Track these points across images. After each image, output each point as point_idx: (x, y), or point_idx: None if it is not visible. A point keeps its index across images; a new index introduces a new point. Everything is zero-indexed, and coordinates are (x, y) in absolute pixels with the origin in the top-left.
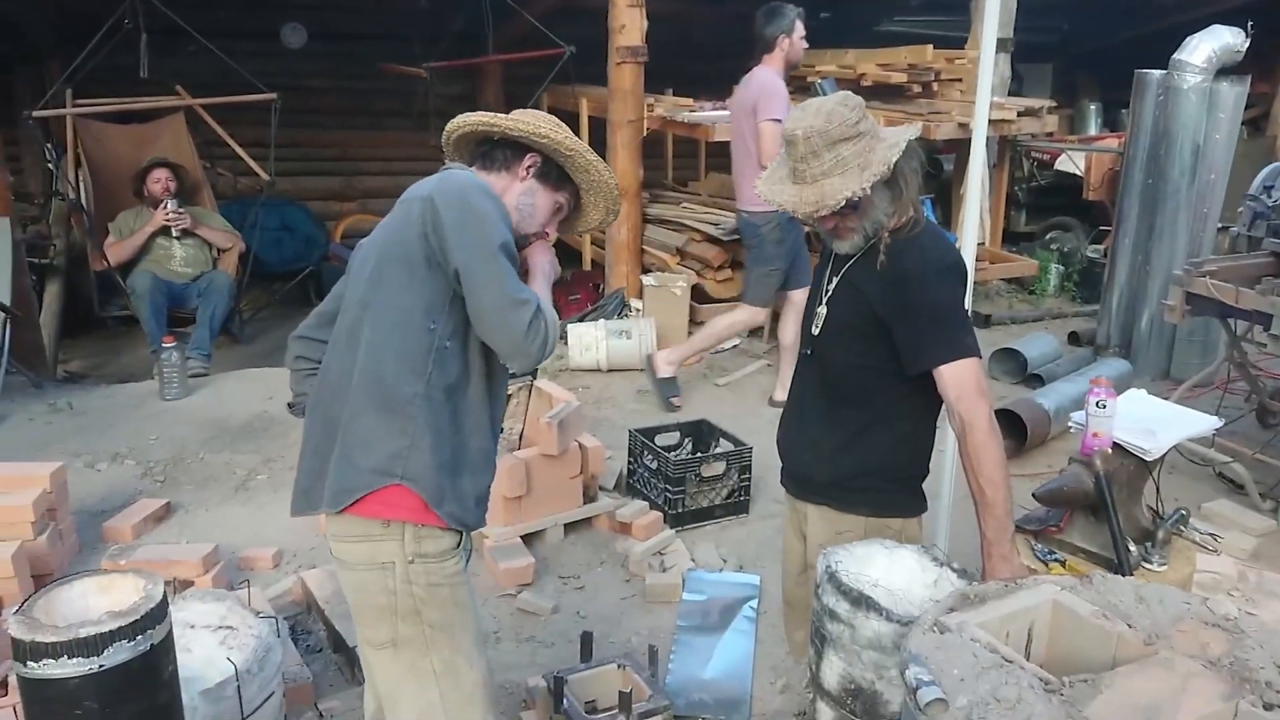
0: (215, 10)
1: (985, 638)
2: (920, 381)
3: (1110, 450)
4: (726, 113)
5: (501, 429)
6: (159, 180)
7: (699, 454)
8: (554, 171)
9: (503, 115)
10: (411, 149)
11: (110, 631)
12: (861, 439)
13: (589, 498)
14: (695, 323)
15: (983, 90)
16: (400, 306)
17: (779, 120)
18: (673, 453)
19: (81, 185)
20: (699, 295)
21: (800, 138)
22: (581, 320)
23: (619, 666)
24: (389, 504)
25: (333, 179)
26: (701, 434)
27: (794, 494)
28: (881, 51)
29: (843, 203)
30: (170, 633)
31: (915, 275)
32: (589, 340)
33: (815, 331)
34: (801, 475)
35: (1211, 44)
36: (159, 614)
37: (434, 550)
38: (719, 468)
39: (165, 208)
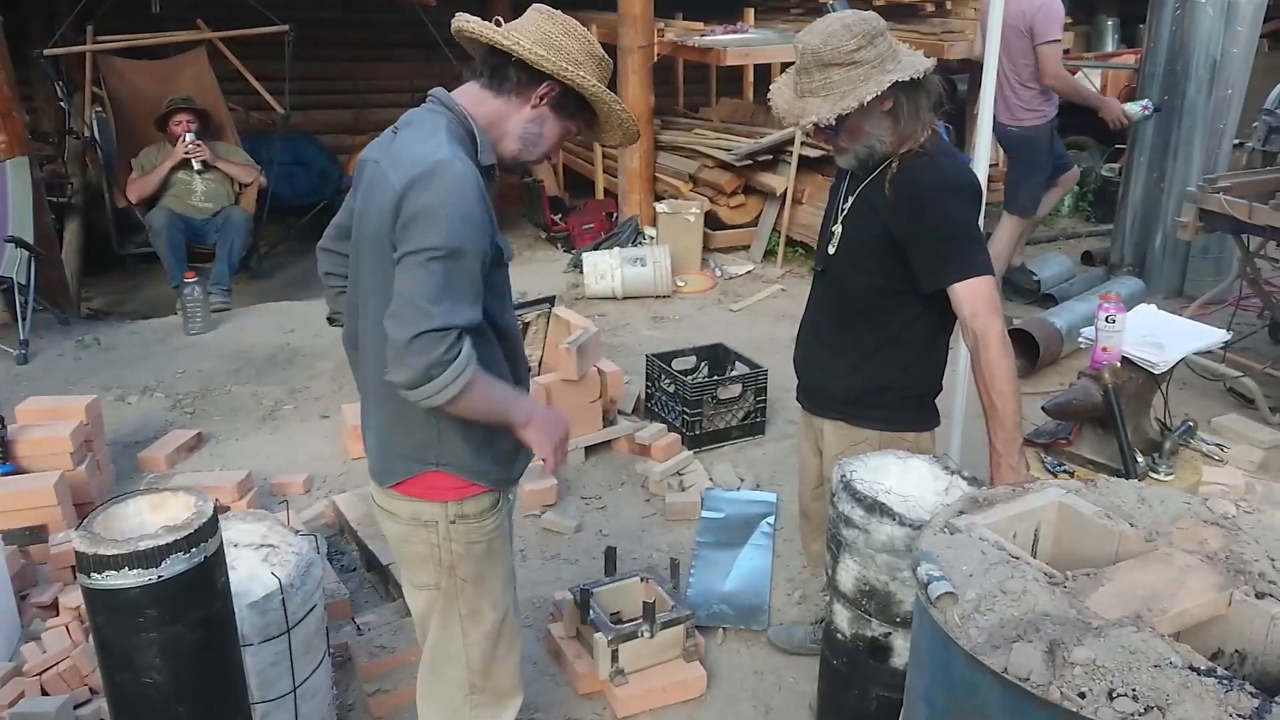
0: None
1: (992, 537)
2: (933, 299)
3: (1119, 364)
4: (739, 36)
5: (529, 368)
6: (180, 123)
7: (715, 377)
8: (570, 102)
9: (518, 39)
10: (424, 79)
11: (167, 545)
12: (875, 355)
13: (608, 421)
14: (709, 249)
15: (994, 9)
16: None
17: (1058, 41)
18: (689, 376)
19: (96, 122)
20: (712, 221)
21: (798, 52)
22: (596, 249)
23: (642, 579)
24: (430, 486)
25: (344, 112)
26: (717, 357)
27: (809, 410)
28: None
29: (809, 125)
30: (221, 546)
31: (929, 194)
32: (604, 268)
33: (831, 250)
34: (817, 391)
35: None
36: (210, 528)
37: (474, 510)
38: (735, 390)
39: (184, 139)
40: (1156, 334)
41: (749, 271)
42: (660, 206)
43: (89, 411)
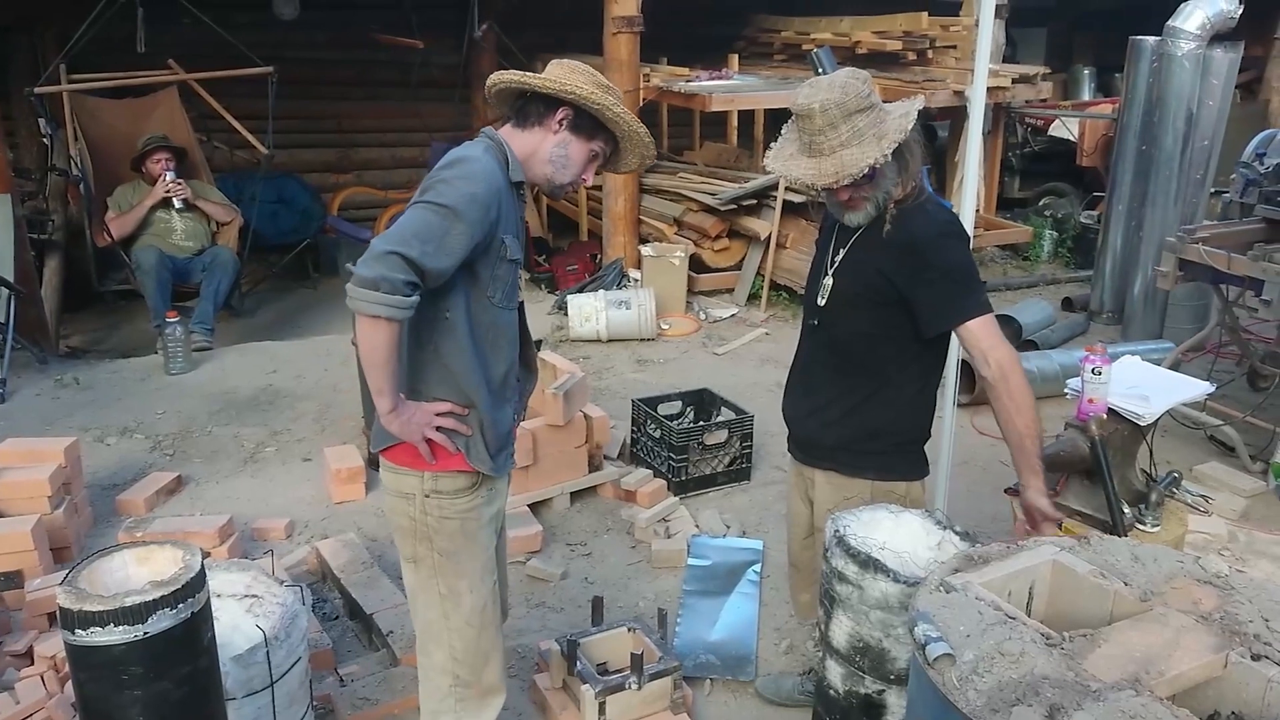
0: None
1: (989, 596)
2: (924, 347)
3: (1105, 415)
4: (724, 82)
5: (519, 379)
6: (159, 161)
7: (701, 422)
8: (587, 123)
9: (534, 73)
10: (407, 120)
11: (154, 600)
12: (867, 405)
13: (594, 466)
14: (693, 292)
15: (981, 59)
16: None
17: None
18: (675, 421)
19: (79, 159)
20: (696, 265)
21: (818, 111)
22: (580, 291)
23: (629, 629)
24: (411, 455)
25: (328, 150)
26: (703, 402)
27: (800, 459)
28: (877, 19)
29: (865, 170)
30: (209, 601)
31: (927, 240)
32: (589, 311)
33: (821, 302)
34: (808, 441)
35: (1205, 10)
36: (198, 583)
37: (448, 488)
38: (721, 436)
39: (165, 179)
40: (1142, 386)
41: (733, 315)
42: (645, 249)
43: (68, 454)
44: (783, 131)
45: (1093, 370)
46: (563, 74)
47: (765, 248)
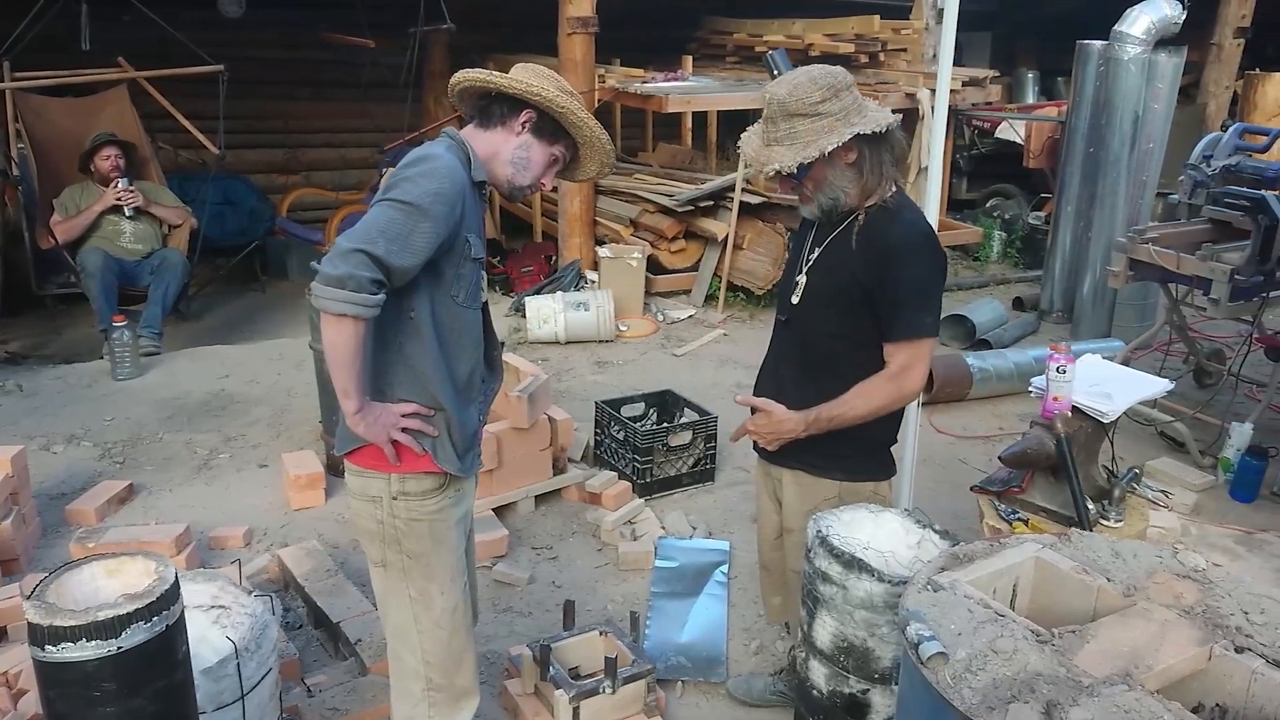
0: None
1: (977, 594)
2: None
3: (1070, 413)
4: (679, 84)
5: (484, 380)
6: (108, 158)
7: (665, 424)
8: (549, 126)
9: (499, 73)
10: (356, 120)
11: (128, 614)
12: None
13: (558, 469)
14: (650, 294)
15: (945, 62)
16: None
17: None
18: (638, 423)
19: (18, 160)
20: (653, 266)
21: (765, 101)
22: (538, 293)
23: (601, 633)
24: (377, 456)
25: (275, 151)
26: (666, 404)
27: (768, 459)
28: (829, 21)
29: (770, 173)
30: (183, 613)
31: (893, 252)
32: (547, 313)
33: (794, 300)
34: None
35: (1151, 15)
36: (173, 595)
37: (415, 490)
38: (685, 437)
39: (117, 185)
40: (1103, 383)
41: (691, 316)
42: (602, 251)
43: (15, 463)
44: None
45: (1057, 369)
46: (528, 76)
47: (722, 249)
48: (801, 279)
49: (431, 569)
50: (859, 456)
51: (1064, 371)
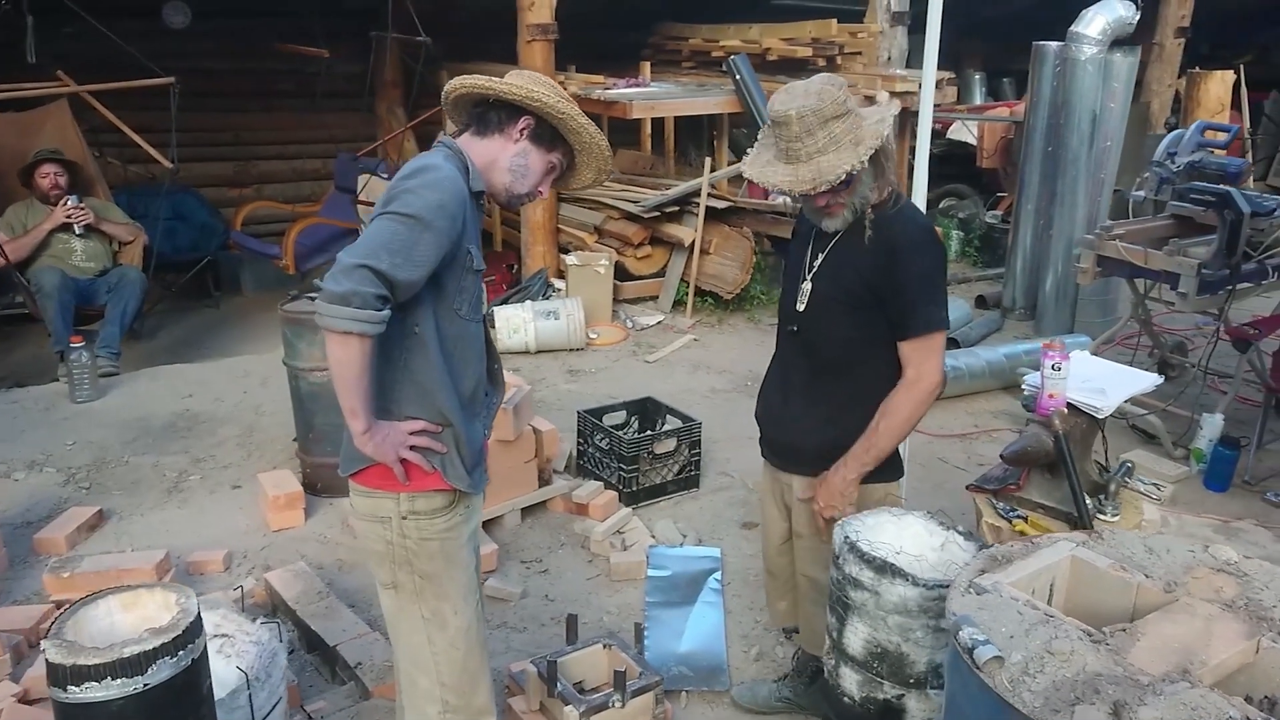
0: None
1: (1023, 596)
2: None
3: (1066, 410)
4: (641, 89)
5: (488, 394)
6: (47, 175)
7: (647, 431)
8: (547, 133)
9: (498, 79)
10: (310, 131)
11: (154, 649)
12: (847, 409)
13: (544, 481)
14: (617, 300)
15: (929, 69)
16: None
17: None
18: (621, 431)
19: None
20: (619, 273)
21: (794, 117)
22: (505, 303)
23: (605, 646)
24: (385, 476)
25: (225, 164)
26: (647, 411)
27: (777, 465)
28: (785, 26)
29: (842, 177)
30: (206, 646)
31: (907, 245)
32: (517, 322)
33: (800, 307)
34: (786, 447)
35: (1106, 16)
36: (197, 628)
37: (426, 508)
38: (670, 444)
39: (66, 203)
40: (1095, 379)
41: (659, 322)
42: (570, 258)
43: None
44: (759, 138)
45: (1052, 366)
46: (525, 82)
47: (689, 254)
48: (807, 286)
49: (444, 589)
50: None
51: (1059, 369)
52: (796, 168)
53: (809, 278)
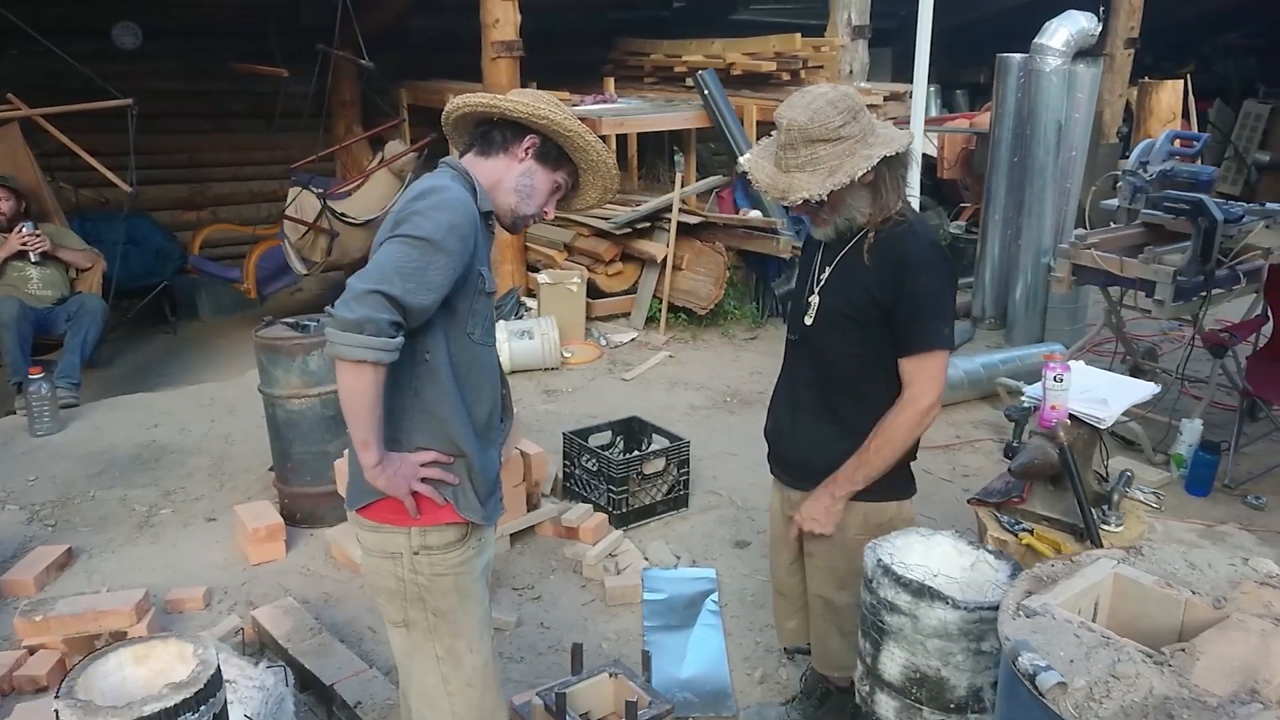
0: (44, 8)
1: (1077, 618)
2: None
3: (1069, 421)
4: (609, 106)
5: (502, 420)
6: None
7: (633, 451)
8: (553, 152)
9: (501, 96)
10: (266, 152)
11: (175, 705)
12: (857, 425)
13: (532, 505)
14: (589, 318)
15: (919, 88)
16: None
17: None
18: (607, 452)
19: None
20: (590, 290)
21: (783, 128)
22: None
23: (611, 675)
24: (395, 511)
25: (179, 187)
26: (633, 431)
27: (787, 482)
28: (749, 40)
29: (799, 201)
30: (226, 700)
31: (908, 264)
32: None
33: (808, 321)
34: (797, 464)
35: (1069, 28)
36: (218, 681)
37: (438, 543)
38: (659, 464)
39: (20, 230)
40: (1094, 390)
41: (633, 339)
42: (541, 277)
43: None
44: (771, 133)
45: (1054, 378)
46: (530, 100)
47: (661, 270)
48: (814, 299)
49: (458, 626)
50: (882, 476)
51: (1061, 380)
52: (776, 175)
53: (816, 291)
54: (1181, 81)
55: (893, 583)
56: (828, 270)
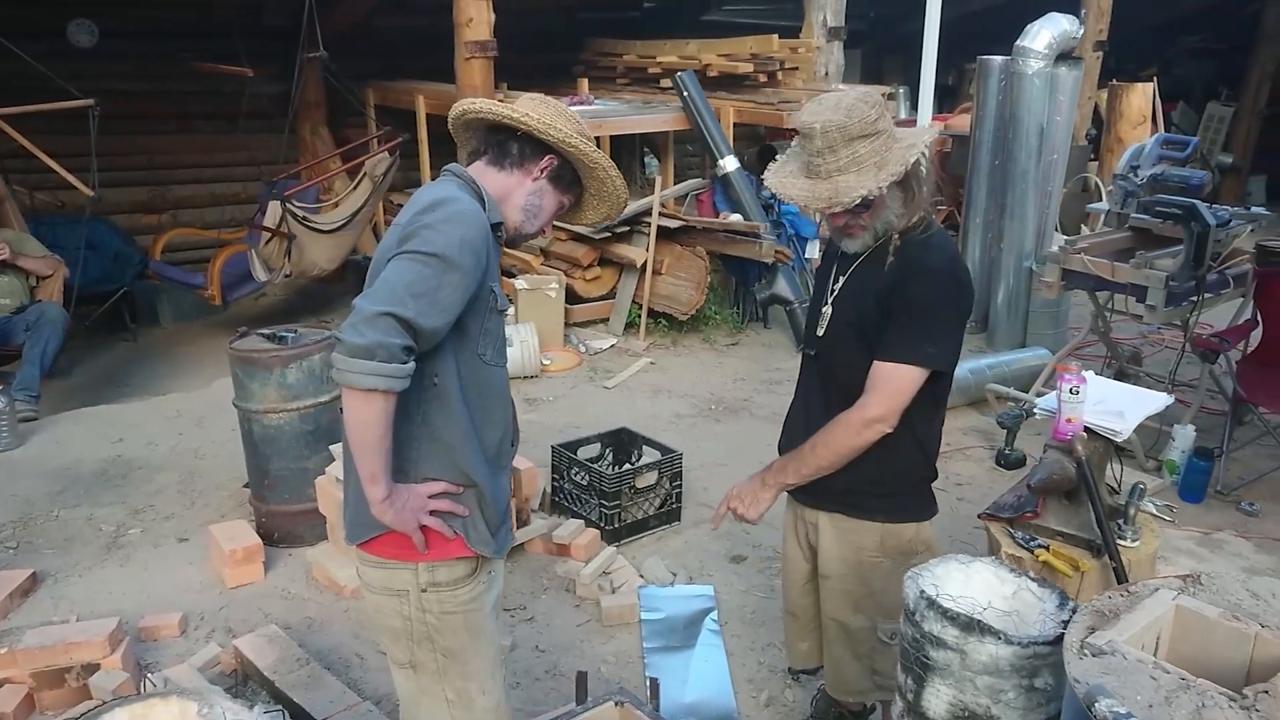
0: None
1: (1149, 657)
2: (929, 384)
3: (1085, 434)
4: (586, 108)
5: (514, 444)
6: None
7: (623, 463)
8: (568, 175)
9: (526, 112)
10: (227, 154)
11: None
12: (876, 444)
13: (522, 522)
14: (568, 324)
15: (925, 90)
16: None
17: None
18: (597, 464)
19: None
20: (569, 296)
21: (818, 131)
22: None
23: (616, 703)
24: (400, 545)
25: (139, 189)
26: (622, 443)
27: (802, 502)
28: (725, 41)
29: (858, 200)
30: None
31: (921, 273)
32: None
33: (820, 333)
34: (814, 483)
35: (1051, 30)
36: None
37: (447, 579)
38: (651, 478)
39: None
40: (1108, 401)
41: (613, 346)
42: (518, 282)
43: None
44: (789, 148)
45: (1070, 390)
46: (553, 118)
47: (640, 275)
48: (827, 310)
49: (469, 666)
50: (902, 495)
51: (1076, 392)
52: (815, 184)
53: (829, 301)
54: (1151, 84)
55: (938, 616)
56: (841, 280)
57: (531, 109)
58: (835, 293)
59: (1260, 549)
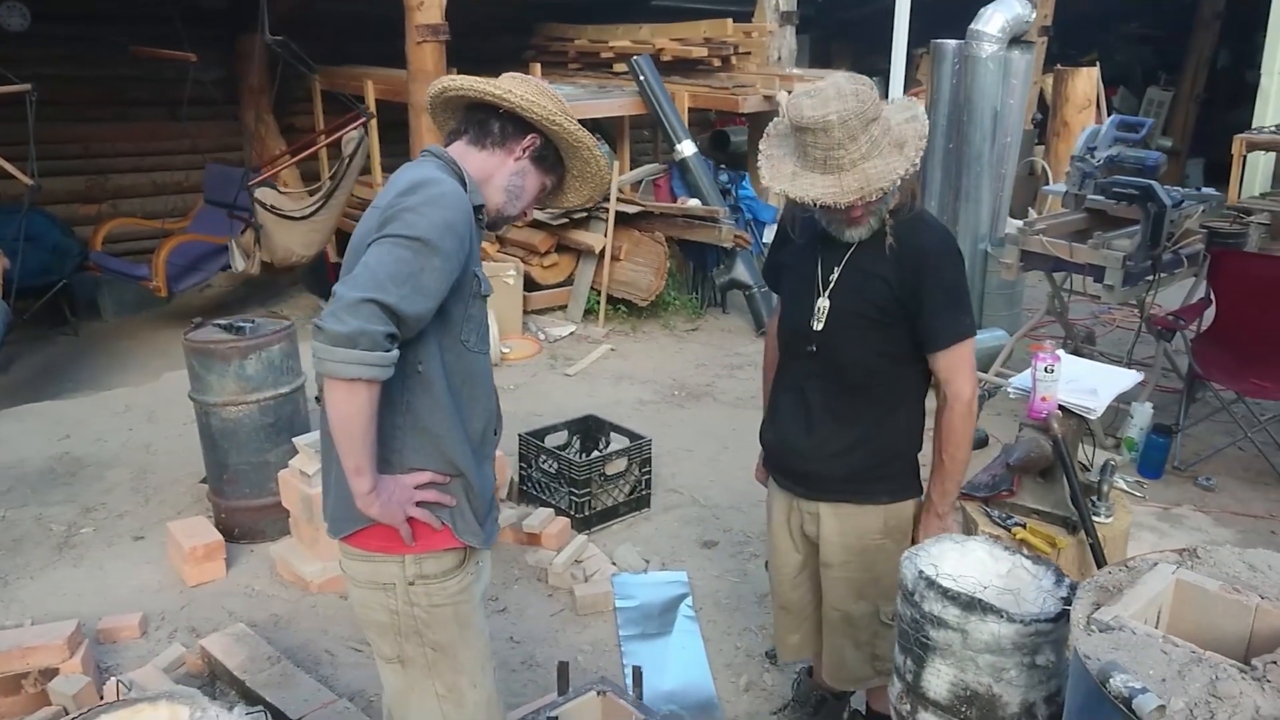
0: None
1: (1158, 631)
2: (920, 360)
3: (1060, 412)
4: None
5: (497, 432)
6: None
7: (591, 451)
8: (551, 155)
9: (509, 89)
10: (169, 141)
11: None
12: (877, 429)
13: None
14: (525, 311)
15: (896, 71)
16: None
17: None
18: (564, 452)
19: None
20: (526, 283)
21: (836, 123)
22: None
23: (599, 693)
24: (386, 537)
25: (77, 179)
26: (589, 430)
27: (801, 494)
28: (678, 25)
29: (896, 183)
30: None
31: (936, 253)
32: None
33: (818, 326)
34: (811, 475)
35: (1004, 14)
36: None
37: (435, 570)
38: (621, 464)
39: None
40: (1080, 379)
41: (572, 333)
42: None
43: None
44: (765, 149)
45: (1045, 368)
46: (536, 96)
47: (599, 261)
48: (824, 303)
49: (460, 660)
50: (902, 475)
51: (1051, 371)
52: (840, 177)
53: (826, 294)
54: (1095, 69)
55: (939, 596)
56: (836, 270)
57: (514, 86)
58: (832, 284)
59: (1219, 522)
